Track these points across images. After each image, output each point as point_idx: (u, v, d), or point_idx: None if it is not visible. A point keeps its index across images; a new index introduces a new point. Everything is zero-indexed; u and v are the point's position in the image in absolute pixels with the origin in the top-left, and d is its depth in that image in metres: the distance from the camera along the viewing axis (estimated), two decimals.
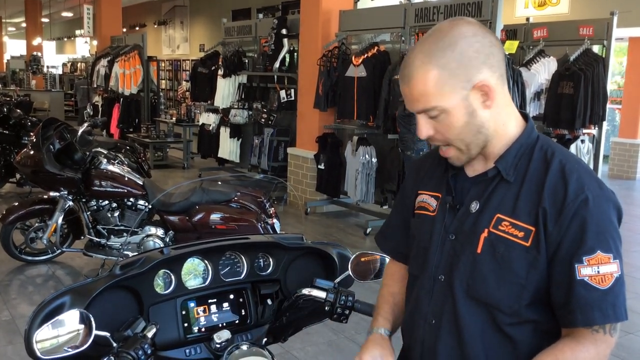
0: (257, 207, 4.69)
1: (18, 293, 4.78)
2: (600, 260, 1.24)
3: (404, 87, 1.33)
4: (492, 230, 1.32)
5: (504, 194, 1.33)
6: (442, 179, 1.46)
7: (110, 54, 12.44)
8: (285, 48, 8.29)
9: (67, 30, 28.09)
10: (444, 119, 1.31)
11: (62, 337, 1.33)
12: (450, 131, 1.32)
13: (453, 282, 1.37)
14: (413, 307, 1.48)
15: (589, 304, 1.24)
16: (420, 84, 1.28)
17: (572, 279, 1.24)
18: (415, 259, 1.49)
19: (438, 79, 1.27)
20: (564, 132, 5.98)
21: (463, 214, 1.38)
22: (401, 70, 1.33)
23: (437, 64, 1.27)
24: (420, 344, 1.43)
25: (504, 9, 5.70)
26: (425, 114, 1.33)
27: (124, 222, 5.00)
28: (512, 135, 1.36)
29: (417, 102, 1.32)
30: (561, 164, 1.30)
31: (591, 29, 5.91)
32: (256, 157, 8.68)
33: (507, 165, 1.34)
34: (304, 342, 3.92)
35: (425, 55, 1.29)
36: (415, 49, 1.31)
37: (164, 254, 1.58)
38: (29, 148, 5.07)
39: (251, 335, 1.70)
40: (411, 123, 5.92)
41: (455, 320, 1.36)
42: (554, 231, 1.26)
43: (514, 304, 1.31)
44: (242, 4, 16.57)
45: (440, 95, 1.28)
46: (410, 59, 1.31)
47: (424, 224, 1.46)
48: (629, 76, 11.24)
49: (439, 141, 1.36)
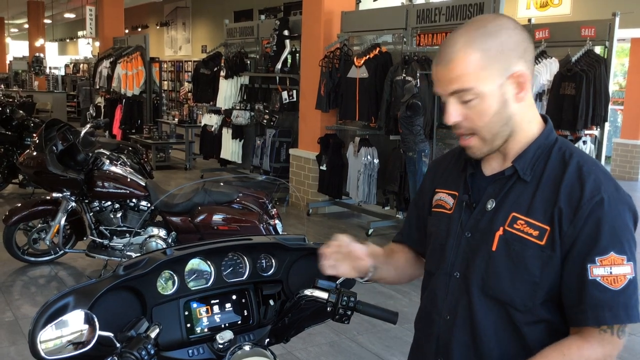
0: (259, 208, 4.70)
1: (21, 294, 4.79)
2: (613, 261, 1.25)
3: (440, 69, 1.32)
4: (507, 229, 1.33)
5: (520, 193, 1.35)
6: (459, 178, 1.48)
7: (113, 55, 12.46)
8: (287, 49, 8.30)
9: (70, 32, 28.13)
10: (477, 104, 1.31)
11: (66, 337, 1.34)
12: (481, 118, 1.32)
13: (469, 279, 1.38)
14: (429, 303, 1.50)
15: (600, 303, 1.25)
16: (460, 65, 1.29)
17: (584, 278, 1.26)
18: (431, 256, 1.51)
19: (479, 62, 1.29)
20: (566, 133, 5.97)
21: (479, 212, 1.40)
22: (439, 52, 1.33)
23: (478, 48, 1.29)
24: (436, 339, 1.45)
25: (506, 10, 5.70)
26: (457, 97, 1.32)
27: (127, 223, 5.02)
28: (532, 135, 1.38)
29: (453, 83, 1.31)
30: (579, 164, 1.32)
31: (593, 29, 5.90)
32: (258, 158, 8.69)
33: (525, 164, 1.36)
34: (306, 343, 3.92)
35: (467, 39, 1.30)
36: (457, 33, 1.33)
37: (167, 255, 1.58)
38: (31, 149, 5.08)
39: (254, 336, 1.70)
40: (413, 124, 5.93)
41: (470, 316, 1.38)
42: (568, 231, 1.27)
43: (528, 301, 1.32)
44: (244, 5, 16.59)
45: (478, 78, 1.30)
46: (451, 41, 1.32)
47: (441, 221, 1.48)
48: (631, 77, 11.23)
49: (464, 129, 1.35)
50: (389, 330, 4.11)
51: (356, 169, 6.94)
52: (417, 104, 5.85)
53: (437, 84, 1.35)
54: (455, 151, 1.57)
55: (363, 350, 3.92)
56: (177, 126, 11.27)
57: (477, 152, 1.38)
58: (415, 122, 5.91)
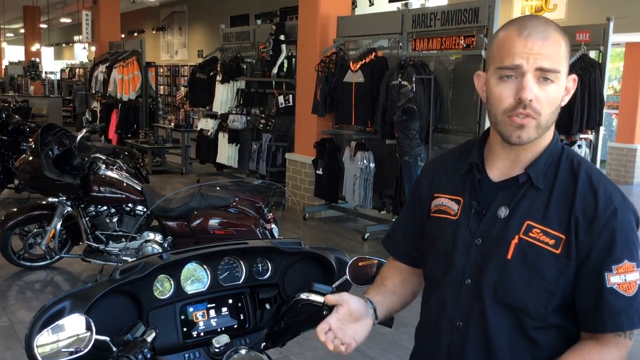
0: (255, 213, 4.70)
1: (17, 299, 4.78)
2: (627, 269, 1.28)
3: (533, 41, 1.28)
4: (523, 237, 1.33)
5: (533, 200, 1.35)
6: (462, 182, 1.46)
7: (109, 60, 12.46)
8: (283, 54, 8.32)
9: (66, 36, 28.13)
10: (553, 90, 1.30)
11: (63, 341, 1.34)
12: (550, 104, 1.31)
13: (481, 286, 1.37)
14: (436, 311, 1.46)
15: (617, 310, 1.28)
16: (555, 45, 1.30)
17: (602, 286, 1.28)
18: (435, 262, 1.48)
19: (565, 50, 1.32)
20: (561, 137, 6.00)
21: (490, 219, 1.38)
22: (526, 25, 1.30)
23: (564, 38, 1.32)
24: (446, 347, 1.43)
25: (501, 15, 5.72)
26: (539, 75, 1.29)
27: (123, 228, 5.01)
28: (546, 142, 1.38)
29: (546, 59, 1.28)
30: (587, 174, 1.34)
31: (588, 34, 5.94)
32: (254, 163, 8.69)
33: (538, 172, 1.36)
34: (303, 347, 3.92)
35: (556, 26, 1.33)
36: (545, 18, 1.34)
37: (163, 259, 1.59)
38: (27, 154, 5.08)
39: (250, 340, 1.71)
40: (409, 128, 5.95)
41: (483, 323, 1.37)
42: (585, 240, 1.29)
43: (541, 308, 1.33)
44: (240, 10, 16.62)
45: (564, 65, 1.32)
46: (540, 21, 1.32)
47: (445, 227, 1.45)
48: (625, 81, 11.28)
49: (531, 110, 1.29)
50: (385, 334, 4.11)
51: (352, 173, 6.94)
52: (413, 109, 5.87)
53: (520, 54, 1.28)
54: (454, 154, 1.55)
55: (359, 354, 3.91)
56: (174, 131, 11.26)
57: (528, 136, 1.32)
58: (411, 126, 5.93)
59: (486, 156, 1.45)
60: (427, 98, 6.20)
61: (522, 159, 1.38)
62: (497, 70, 1.32)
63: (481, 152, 1.46)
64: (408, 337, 1.62)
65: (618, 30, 6.51)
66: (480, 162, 1.44)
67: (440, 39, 6.20)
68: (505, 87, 1.31)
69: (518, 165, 1.38)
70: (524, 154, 1.37)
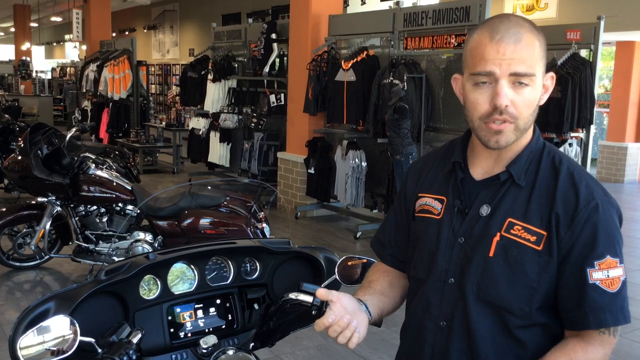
0: (246, 212, 4.68)
1: (5, 299, 4.74)
2: (609, 264, 1.27)
3: (508, 45, 1.25)
4: (504, 234, 1.33)
5: (515, 198, 1.34)
6: (445, 182, 1.46)
7: (100, 59, 12.41)
8: (274, 52, 8.30)
9: (56, 35, 27.98)
10: (528, 93, 1.28)
11: (47, 343, 1.32)
12: (527, 108, 1.29)
13: (464, 285, 1.37)
14: (421, 311, 1.45)
15: (601, 307, 1.27)
16: (529, 48, 1.27)
17: (584, 282, 1.27)
18: (420, 263, 1.47)
19: (540, 51, 1.29)
20: (552, 136, 6.01)
21: (472, 218, 1.38)
22: (497, 28, 1.28)
23: (538, 38, 1.30)
24: (431, 347, 1.42)
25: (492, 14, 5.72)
26: (513, 79, 1.27)
27: (113, 228, 4.98)
28: (527, 140, 1.38)
29: (519, 63, 1.26)
30: (569, 170, 1.33)
31: (578, 33, 5.94)
32: (246, 162, 8.67)
33: (519, 169, 1.35)
34: (294, 347, 3.91)
35: (530, 25, 1.30)
36: (514, 16, 1.31)
37: (150, 259, 1.57)
38: (16, 153, 5.04)
39: (238, 340, 1.69)
40: (400, 127, 5.94)
41: (467, 323, 1.36)
42: (566, 236, 1.29)
43: (524, 306, 1.32)
44: (232, 9, 16.58)
45: (539, 66, 1.30)
46: (513, 21, 1.29)
47: (429, 227, 1.45)
48: (616, 80, 11.34)
49: (507, 115, 1.28)
50: (376, 333, 4.11)
51: (344, 172, 6.94)
52: (404, 107, 5.86)
53: (492, 61, 1.26)
54: (438, 153, 1.54)
55: (350, 354, 3.91)
56: (165, 130, 11.22)
57: (506, 140, 1.31)
58: (402, 125, 5.93)
59: (469, 155, 1.44)
60: (418, 97, 6.20)
61: (504, 157, 1.38)
62: (472, 76, 1.31)
63: (464, 151, 1.45)
64: (399, 336, 1.61)
65: (609, 29, 6.53)
66: (462, 161, 1.43)
67: (431, 37, 6.21)
68: (480, 93, 1.30)
69: (500, 163, 1.38)
70: (505, 152, 1.37)
